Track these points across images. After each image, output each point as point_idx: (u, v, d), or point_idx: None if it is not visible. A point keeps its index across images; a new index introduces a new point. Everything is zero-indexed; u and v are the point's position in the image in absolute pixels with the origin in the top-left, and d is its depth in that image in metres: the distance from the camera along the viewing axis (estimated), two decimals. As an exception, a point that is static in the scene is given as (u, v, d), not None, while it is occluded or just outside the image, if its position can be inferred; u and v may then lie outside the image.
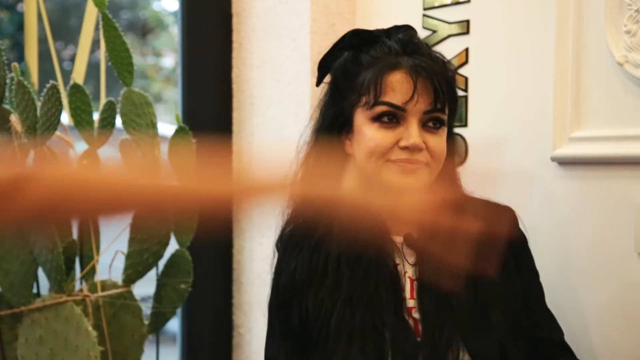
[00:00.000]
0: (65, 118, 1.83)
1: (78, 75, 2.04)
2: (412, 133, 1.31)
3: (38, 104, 1.72)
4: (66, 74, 2.04)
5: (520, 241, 1.47)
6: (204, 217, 1.12)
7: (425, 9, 1.96)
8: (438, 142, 1.35)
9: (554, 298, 1.73)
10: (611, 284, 1.64)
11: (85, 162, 1.85)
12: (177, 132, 1.93)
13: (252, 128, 2.27)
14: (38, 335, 1.71)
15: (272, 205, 1.39)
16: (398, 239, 1.41)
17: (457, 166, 1.50)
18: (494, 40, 1.83)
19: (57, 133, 1.76)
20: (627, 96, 1.61)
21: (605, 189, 1.65)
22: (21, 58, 2.07)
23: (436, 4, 1.94)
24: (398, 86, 1.32)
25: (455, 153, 1.49)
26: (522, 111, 1.79)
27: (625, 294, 1.63)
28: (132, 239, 1.85)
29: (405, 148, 1.32)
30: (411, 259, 1.40)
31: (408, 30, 1.41)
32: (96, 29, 2.07)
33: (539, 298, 1.49)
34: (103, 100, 1.99)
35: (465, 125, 1.89)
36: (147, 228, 1.80)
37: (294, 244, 1.43)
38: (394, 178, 1.33)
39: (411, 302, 1.38)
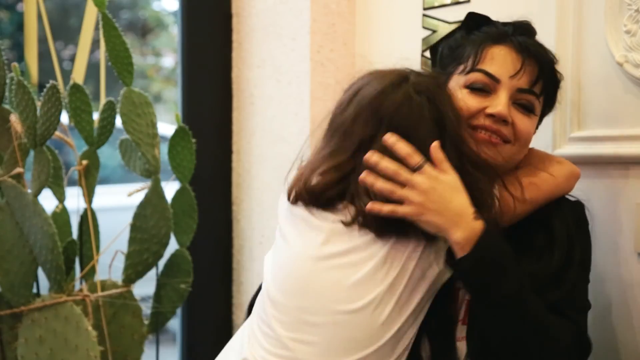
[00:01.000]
0: (65, 118, 1.84)
1: (78, 75, 2.04)
2: (500, 102, 1.30)
3: (38, 104, 1.72)
4: (66, 74, 2.04)
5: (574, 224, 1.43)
6: None
7: (425, 9, 1.96)
8: (526, 124, 1.33)
9: (554, 298, 1.73)
10: (611, 284, 1.64)
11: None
12: (177, 132, 1.93)
13: (252, 128, 2.27)
14: (38, 335, 1.71)
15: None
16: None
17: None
18: (494, 40, 1.83)
19: (57, 133, 1.77)
20: (627, 96, 1.61)
21: (605, 189, 1.65)
22: (21, 58, 2.07)
23: (436, 4, 1.94)
24: (499, 58, 1.33)
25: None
26: (522, 111, 1.78)
27: (625, 294, 1.62)
28: (132, 239, 1.85)
29: (490, 115, 1.30)
30: None
31: (524, 23, 1.42)
32: (96, 29, 2.07)
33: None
34: (103, 100, 1.99)
35: (465, 125, 1.88)
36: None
37: None
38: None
39: (462, 328, 1.33)
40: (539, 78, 1.34)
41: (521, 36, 1.36)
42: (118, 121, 1.84)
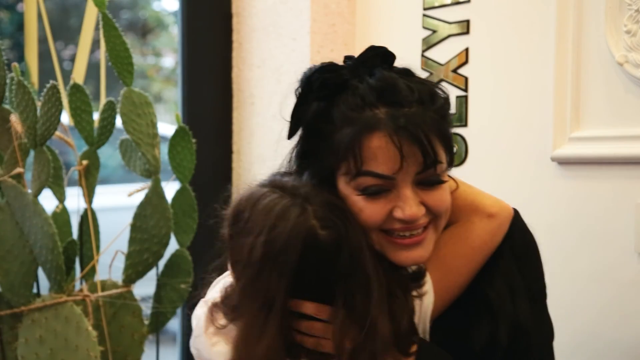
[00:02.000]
0: (65, 118, 1.84)
1: (78, 75, 2.04)
2: (407, 203, 1.10)
3: (38, 104, 1.72)
4: (66, 74, 2.04)
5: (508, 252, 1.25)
6: None
7: (425, 9, 1.96)
8: (439, 198, 1.14)
9: (554, 298, 1.73)
10: (611, 284, 1.64)
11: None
12: (177, 132, 1.93)
13: (252, 128, 2.27)
14: (38, 335, 1.71)
15: None
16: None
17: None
18: (494, 40, 1.84)
19: (57, 133, 1.77)
20: (627, 96, 1.61)
21: (605, 189, 1.65)
22: (21, 58, 2.07)
23: (436, 4, 1.94)
24: (380, 153, 1.09)
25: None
26: (522, 111, 1.79)
27: (625, 294, 1.63)
28: (132, 239, 1.85)
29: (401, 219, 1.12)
30: None
31: (384, 60, 1.20)
32: (96, 29, 2.07)
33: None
34: (103, 100, 1.99)
35: (465, 125, 1.89)
36: None
37: None
38: (398, 255, 1.14)
39: None
40: (427, 150, 1.09)
41: (389, 105, 1.10)
42: (118, 121, 1.84)
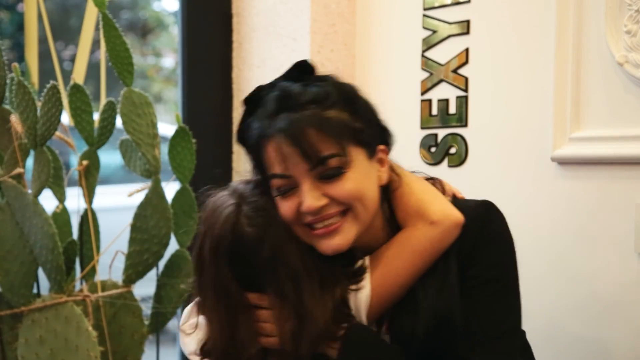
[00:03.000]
0: (65, 118, 1.84)
1: (78, 75, 2.04)
2: (304, 196, 1.21)
3: (38, 104, 1.72)
4: (66, 74, 2.04)
5: (467, 248, 1.27)
6: None
7: (425, 9, 1.96)
8: (341, 188, 1.21)
9: (554, 298, 1.73)
10: (611, 284, 1.64)
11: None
12: (177, 132, 1.93)
13: (252, 128, 2.27)
14: (38, 335, 1.71)
15: None
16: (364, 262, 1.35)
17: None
18: (494, 40, 1.84)
19: (57, 133, 1.77)
20: (627, 96, 1.61)
21: (605, 189, 1.65)
22: (21, 58, 2.07)
23: (436, 4, 1.94)
24: (274, 156, 1.22)
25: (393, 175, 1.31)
26: (522, 111, 1.79)
27: (625, 294, 1.63)
28: (132, 239, 1.85)
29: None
30: None
31: (302, 71, 1.28)
32: (96, 29, 2.07)
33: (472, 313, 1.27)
34: (103, 100, 1.99)
35: (465, 125, 1.89)
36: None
37: None
38: (319, 245, 1.24)
39: None
40: (305, 150, 1.19)
41: (286, 111, 1.21)
42: (118, 121, 1.84)
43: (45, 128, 1.71)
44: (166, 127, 2.43)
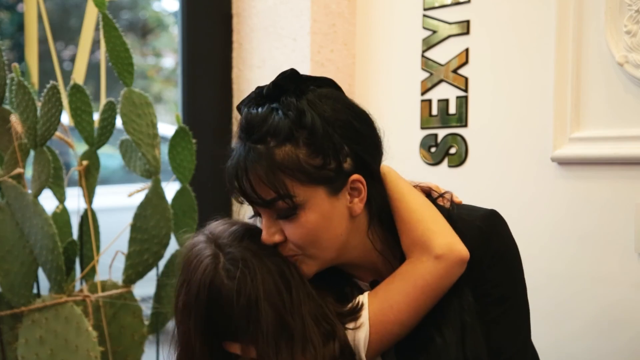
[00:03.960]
0: (65, 118, 1.84)
1: (78, 75, 2.04)
2: (263, 229, 1.22)
3: (38, 104, 1.72)
4: (66, 74, 2.04)
5: (478, 263, 1.22)
6: None
7: (425, 9, 1.96)
8: (292, 231, 1.19)
9: (554, 298, 1.73)
10: (611, 285, 1.64)
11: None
12: (177, 133, 1.93)
13: (252, 128, 2.27)
14: (38, 335, 1.71)
15: None
16: (365, 286, 1.32)
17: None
18: (494, 40, 1.84)
19: (57, 133, 1.77)
20: (627, 96, 1.61)
21: (605, 189, 1.65)
22: (21, 58, 2.07)
23: (436, 4, 1.94)
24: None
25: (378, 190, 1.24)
26: (522, 111, 1.79)
27: (625, 294, 1.63)
28: (132, 239, 1.85)
29: None
30: None
31: (297, 82, 1.21)
32: (96, 29, 2.08)
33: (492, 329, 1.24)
34: (103, 100, 1.99)
35: (465, 125, 1.89)
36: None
37: None
38: None
39: None
40: (264, 183, 1.17)
41: (243, 140, 1.20)
42: (118, 121, 1.84)
43: (45, 128, 1.71)
44: (166, 127, 2.43)
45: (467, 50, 1.88)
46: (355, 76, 2.14)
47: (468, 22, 1.87)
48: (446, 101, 1.92)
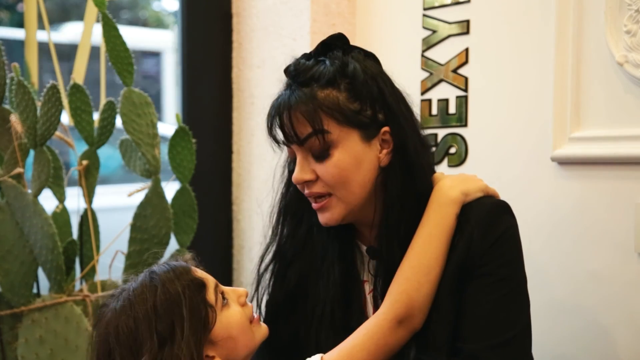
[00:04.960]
0: (65, 118, 1.83)
1: (78, 75, 2.04)
2: (296, 167, 1.29)
3: (38, 104, 1.72)
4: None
5: (485, 240, 1.28)
6: None
7: (425, 9, 1.96)
8: (326, 169, 1.27)
9: (554, 298, 1.73)
10: (611, 284, 1.64)
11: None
12: (177, 132, 1.93)
13: (252, 128, 2.27)
14: (38, 335, 1.71)
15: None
16: (364, 249, 1.39)
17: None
18: (494, 40, 1.83)
19: (57, 133, 1.77)
20: (627, 96, 1.61)
21: (605, 189, 1.65)
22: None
23: (436, 4, 1.94)
24: (278, 125, 1.31)
25: (404, 143, 1.32)
26: (522, 111, 1.79)
27: (625, 294, 1.63)
28: (132, 239, 1.85)
29: None
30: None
31: (344, 42, 1.35)
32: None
33: (476, 303, 1.28)
34: (103, 100, 1.99)
35: (465, 125, 1.89)
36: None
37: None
38: (318, 218, 1.32)
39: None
40: (304, 119, 1.26)
41: (288, 86, 1.31)
42: (118, 121, 1.84)
43: (45, 128, 1.71)
44: (166, 127, 2.43)
45: (467, 50, 1.88)
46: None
47: (468, 22, 1.87)
48: (446, 101, 1.92)
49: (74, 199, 1.87)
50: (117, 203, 2.00)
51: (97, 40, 1.96)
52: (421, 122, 1.96)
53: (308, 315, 1.37)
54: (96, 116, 1.88)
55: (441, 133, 1.93)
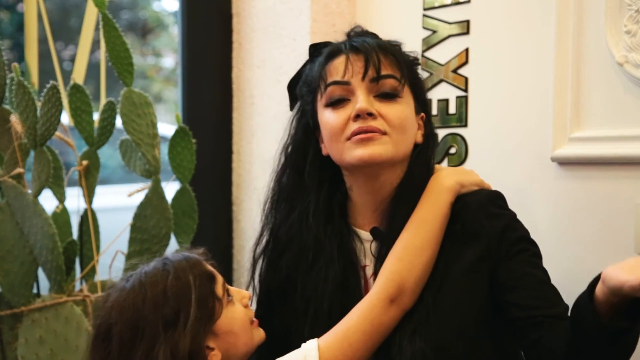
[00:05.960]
0: (65, 118, 1.83)
1: (78, 75, 2.04)
2: (359, 99, 1.32)
3: (38, 104, 1.72)
4: (66, 74, 2.04)
5: (495, 230, 1.33)
6: None
7: (425, 9, 1.96)
8: (393, 110, 1.33)
9: (554, 298, 1.73)
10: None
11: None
12: (177, 132, 1.93)
13: (252, 128, 2.27)
14: (38, 335, 1.71)
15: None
16: (365, 235, 1.40)
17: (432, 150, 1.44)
18: (494, 40, 1.83)
19: (57, 133, 1.77)
20: (627, 96, 1.61)
21: (605, 189, 1.65)
22: (21, 58, 2.07)
23: (436, 4, 1.94)
24: (340, 66, 1.35)
25: (430, 135, 1.44)
26: (522, 111, 1.79)
27: (625, 294, 1.62)
28: (132, 239, 1.85)
29: (356, 117, 1.31)
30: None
31: (356, 29, 1.46)
32: (96, 29, 2.08)
33: (528, 275, 1.34)
34: (103, 100, 1.99)
35: (465, 125, 1.89)
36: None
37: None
38: (354, 153, 1.31)
39: None
40: (369, 59, 1.34)
41: (351, 38, 1.41)
42: (118, 121, 1.84)
43: (45, 128, 1.71)
44: (166, 127, 2.43)
45: (467, 50, 1.88)
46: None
47: (468, 22, 1.87)
48: (446, 101, 1.92)
49: (74, 199, 1.87)
50: (117, 203, 2.00)
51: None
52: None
53: (300, 306, 1.38)
54: (96, 116, 1.88)
55: (441, 133, 1.93)
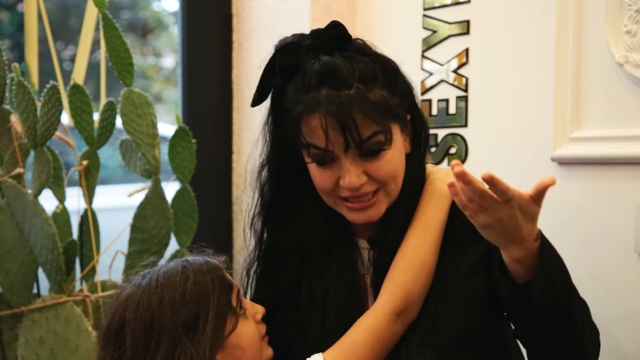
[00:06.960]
0: (65, 118, 1.83)
1: (78, 75, 2.04)
2: (346, 173, 1.23)
3: (38, 104, 1.72)
4: (66, 74, 2.04)
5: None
6: None
7: (425, 9, 1.96)
8: (379, 166, 1.25)
9: (554, 298, 1.73)
10: (611, 284, 1.64)
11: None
12: (177, 132, 1.93)
13: (252, 128, 2.27)
14: (38, 335, 1.71)
15: None
16: (363, 244, 1.37)
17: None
18: (494, 40, 1.83)
19: (57, 133, 1.77)
20: (627, 96, 1.61)
21: (605, 189, 1.65)
22: (21, 58, 2.07)
23: (436, 4, 1.94)
24: (316, 130, 1.23)
25: (418, 134, 1.35)
26: (522, 111, 1.79)
27: (625, 294, 1.63)
28: (132, 239, 1.85)
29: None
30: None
31: (340, 41, 1.29)
32: (96, 29, 2.08)
33: None
34: (103, 100, 1.99)
35: (465, 125, 1.89)
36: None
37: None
38: (350, 216, 1.29)
39: None
40: (346, 131, 1.20)
41: (329, 87, 1.23)
42: (118, 121, 1.84)
43: (45, 128, 1.71)
44: (166, 127, 2.43)
45: (467, 50, 1.88)
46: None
47: (468, 22, 1.87)
48: (446, 101, 1.92)
49: (74, 199, 1.87)
50: (117, 203, 2.00)
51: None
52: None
53: (304, 313, 1.35)
54: (96, 116, 1.88)
55: (441, 133, 1.93)
